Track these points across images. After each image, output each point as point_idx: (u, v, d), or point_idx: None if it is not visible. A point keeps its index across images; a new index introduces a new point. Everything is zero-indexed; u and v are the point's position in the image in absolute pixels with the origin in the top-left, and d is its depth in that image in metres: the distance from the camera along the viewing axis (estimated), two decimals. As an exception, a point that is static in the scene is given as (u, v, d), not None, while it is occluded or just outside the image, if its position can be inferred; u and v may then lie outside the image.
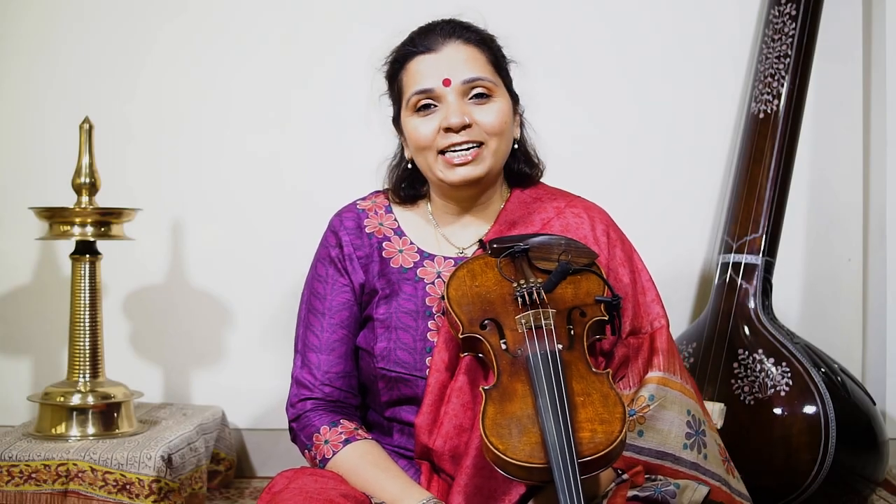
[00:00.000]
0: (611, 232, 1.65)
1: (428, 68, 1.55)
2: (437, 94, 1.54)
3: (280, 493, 1.46)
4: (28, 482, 2.05)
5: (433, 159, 1.57)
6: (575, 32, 2.65)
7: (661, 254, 2.58)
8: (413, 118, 1.57)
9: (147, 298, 2.66)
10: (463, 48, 1.56)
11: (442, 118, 1.54)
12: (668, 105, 2.65)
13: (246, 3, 2.65)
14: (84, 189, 2.23)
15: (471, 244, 1.64)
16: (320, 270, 1.66)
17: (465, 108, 1.54)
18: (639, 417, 1.53)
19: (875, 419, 2.27)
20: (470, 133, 1.54)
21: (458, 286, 1.50)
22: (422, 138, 1.56)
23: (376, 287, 1.61)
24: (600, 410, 1.32)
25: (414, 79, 1.56)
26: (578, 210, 1.65)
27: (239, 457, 2.64)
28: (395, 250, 1.64)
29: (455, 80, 1.54)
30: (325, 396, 1.60)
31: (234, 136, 2.65)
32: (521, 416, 1.31)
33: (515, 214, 1.65)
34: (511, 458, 1.27)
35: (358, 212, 1.68)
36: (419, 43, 1.57)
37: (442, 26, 1.59)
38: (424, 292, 1.60)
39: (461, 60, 1.55)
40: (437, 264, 1.62)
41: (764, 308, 2.37)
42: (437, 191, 1.65)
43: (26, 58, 2.66)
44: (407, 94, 1.57)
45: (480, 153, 1.55)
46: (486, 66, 1.58)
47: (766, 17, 2.56)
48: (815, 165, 2.66)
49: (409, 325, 1.57)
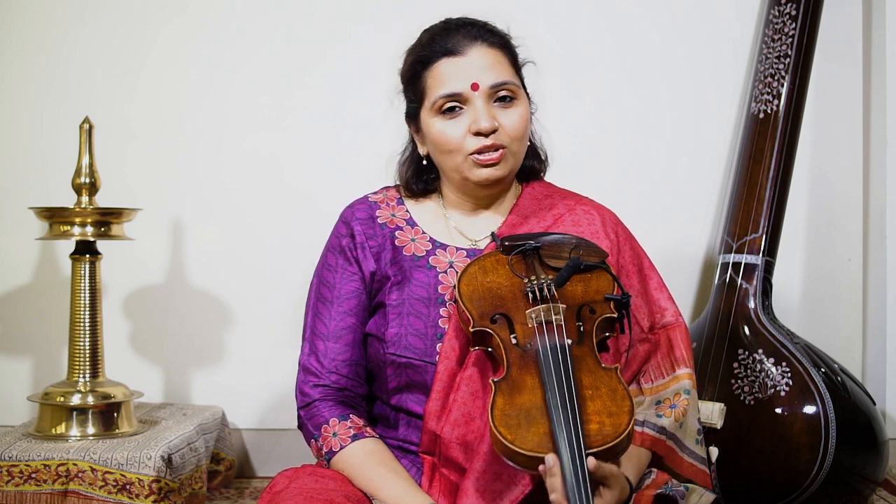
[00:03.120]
0: (619, 230, 1.69)
1: (456, 72, 1.56)
2: (465, 98, 1.57)
3: (281, 493, 1.46)
4: (28, 482, 2.05)
5: (461, 160, 1.59)
6: (575, 32, 2.65)
7: (661, 254, 2.57)
8: (438, 120, 1.59)
9: (147, 298, 2.66)
10: (489, 52, 1.58)
11: (470, 121, 1.56)
12: (668, 105, 2.65)
13: (246, 4, 2.65)
14: (84, 189, 2.23)
15: (483, 237, 1.66)
16: (330, 260, 1.68)
17: (492, 112, 1.57)
18: (682, 410, 1.57)
19: (875, 419, 2.27)
20: (497, 136, 1.57)
21: (470, 282, 1.51)
22: (450, 140, 1.58)
23: (388, 273, 1.63)
24: (608, 404, 1.34)
25: (440, 81, 1.58)
26: (588, 208, 1.69)
27: (239, 457, 2.65)
28: (408, 239, 1.66)
29: (483, 85, 1.56)
30: (332, 384, 1.61)
31: (233, 136, 2.65)
32: (529, 407, 1.33)
33: (528, 209, 1.68)
34: (519, 449, 1.29)
35: (370, 203, 1.70)
36: (443, 45, 1.58)
37: (466, 28, 1.60)
38: (437, 280, 1.61)
39: (488, 64, 1.57)
40: (449, 254, 1.65)
41: (764, 308, 2.37)
42: (456, 187, 1.67)
43: (26, 58, 2.66)
44: (432, 97, 1.58)
45: (504, 155, 1.58)
46: (510, 70, 1.61)
47: (766, 17, 2.56)
48: (815, 165, 2.66)
49: (421, 311, 1.59)
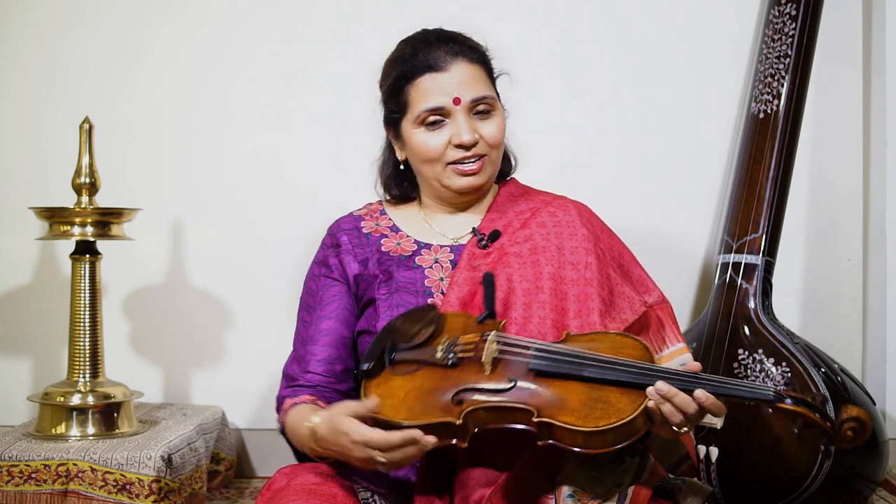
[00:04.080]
0: (595, 221, 1.75)
1: (439, 87, 1.65)
2: (448, 111, 1.65)
3: (282, 491, 1.46)
4: (28, 482, 2.05)
5: (441, 170, 1.67)
6: (575, 32, 2.65)
7: (661, 254, 2.58)
8: (420, 131, 1.67)
9: (147, 298, 2.66)
10: (469, 67, 1.66)
11: (452, 133, 1.65)
12: (668, 105, 2.65)
13: (246, 4, 2.65)
14: (84, 189, 2.23)
15: (464, 234, 1.73)
16: (314, 270, 1.75)
17: (473, 124, 1.65)
18: None
19: (875, 419, 2.27)
20: (477, 147, 1.66)
21: (395, 409, 1.40)
22: (431, 151, 1.66)
23: (376, 273, 1.68)
24: (617, 339, 1.45)
25: (424, 95, 1.65)
26: (563, 202, 1.75)
27: (239, 457, 2.64)
28: (394, 244, 1.73)
29: (465, 99, 1.65)
30: (305, 382, 1.66)
31: (233, 136, 2.65)
32: (586, 396, 1.36)
33: (505, 206, 1.75)
34: (629, 416, 1.32)
35: (354, 216, 1.79)
36: (425, 60, 1.66)
37: (448, 45, 1.67)
38: (423, 275, 1.68)
39: (469, 80, 1.65)
40: (433, 252, 1.71)
41: (764, 308, 2.37)
42: (434, 194, 1.74)
43: (26, 58, 2.66)
44: (416, 110, 1.66)
45: (483, 164, 1.67)
46: (488, 83, 1.69)
47: (766, 17, 2.56)
48: (815, 165, 2.66)
49: (410, 302, 1.64)
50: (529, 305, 1.57)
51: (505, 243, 1.66)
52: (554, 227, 1.67)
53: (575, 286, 1.60)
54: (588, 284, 1.59)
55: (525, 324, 1.55)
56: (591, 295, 1.59)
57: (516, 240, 1.66)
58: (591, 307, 1.58)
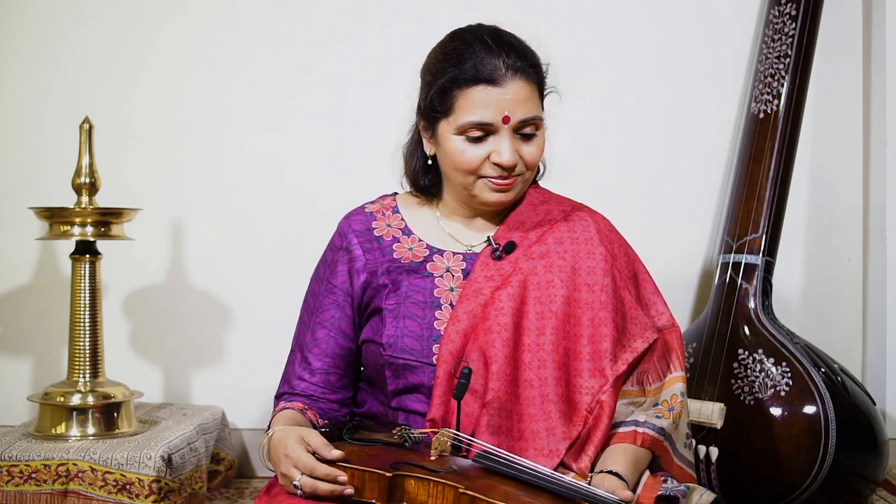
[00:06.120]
0: (614, 238, 1.70)
1: (490, 101, 1.55)
2: (494, 128, 1.56)
3: (280, 494, 1.46)
4: (28, 482, 2.06)
5: (472, 181, 1.60)
6: (575, 33, 2.65)
7: (661, 254, 2.58)
8: (461, 140, 1.58)
9: (147, 298, 2.66)
10: (525, 86, 1.57)
11: (492, 150, 1.57)
12: (668, 105, 2.65)
13: (246, 4, 2.65)
14: (84, 189, 2.23)
15: (479, 242, 1.67)
16: (321, 272, 1.70)
17: (516, 145, 1.57)
18: (679, 412, 1.59)
19: (875, 419, 2.27)
20: (515, 168, 1.59)
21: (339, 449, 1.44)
22: (467, 163, 1.58)
23: (385, 282, 1.64)
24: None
25: (472, 106, 1.56)
26: (584, 214, 1.70)
27: (239, 457, 2.65)
28: (405, 249, 1.67)
29: (514, 119, 1.56)
30: (302, 392, 1.65)
31: (233, 136, 2.65)
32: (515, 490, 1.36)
33: (524, 215, 1.69)
34: None
35: (366, 215, 1.71)
36: (483, 69, 1.55)
37: (511, 57, 1.57)
38: (433, 284, 1.63)
39: (522, 99, 1.56)
40: (446, 259, 1.66)
41: (764, 308, 2.37)
42: (458, 197, 1.67)
43: (26, 58, 2.66)
44: (460, 119, 1.56)
45: (516, 182, 1.61)
46: (538, 103, 1.60)
47: (766, 17, 2.56)
48: (815, 165, 2.66)
49: (417, 314, 1.60)
50: (542, 331, 1.56)
51: (520, 257, 1.62)
52: (571, 245, 1.64)
53: (589, 310, 1.58)
54: (602, 308, 1.58)
55: (537, 350, 1.55)
56: (604, 320, 1.57)
57: (531, 255, 1.62)
58: (603, 333, 1.56)
